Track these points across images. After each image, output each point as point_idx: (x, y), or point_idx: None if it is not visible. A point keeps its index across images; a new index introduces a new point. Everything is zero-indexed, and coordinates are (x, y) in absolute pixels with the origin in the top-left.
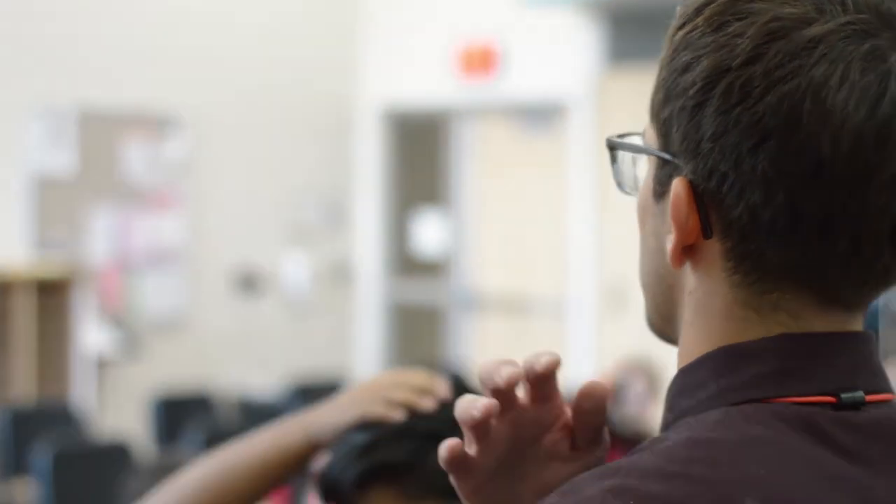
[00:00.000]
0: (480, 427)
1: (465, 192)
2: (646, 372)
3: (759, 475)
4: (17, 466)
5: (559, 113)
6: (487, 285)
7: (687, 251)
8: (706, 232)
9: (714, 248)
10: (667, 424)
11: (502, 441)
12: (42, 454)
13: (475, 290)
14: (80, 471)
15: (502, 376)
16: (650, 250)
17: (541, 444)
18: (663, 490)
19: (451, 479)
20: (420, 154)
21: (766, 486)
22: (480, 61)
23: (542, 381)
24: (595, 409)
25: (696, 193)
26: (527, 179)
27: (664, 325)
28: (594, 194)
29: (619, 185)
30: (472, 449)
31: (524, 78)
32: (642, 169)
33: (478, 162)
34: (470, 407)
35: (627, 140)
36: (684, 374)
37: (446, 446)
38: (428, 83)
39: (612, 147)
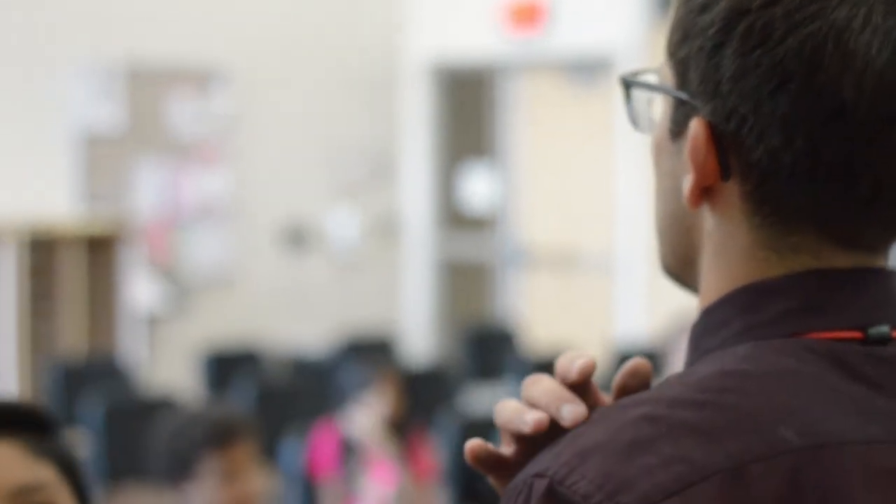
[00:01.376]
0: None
1: (513, 147)
2: None
3: (791, 405)
4: (67, 420)
5: (607, 67)
6: (536, 240)
7: (705, 192)
8: (725, 174)
9: (733, 190)
10: (691, 363)
11: (538, 435)
12: (91, 408)
13: (523, 245)
14: (129, 424)
15: (536, 418)
16: (666, 191)
17: None
18: (695, 417)
19: (488, 477)
20: (467, 108)
21: (798, 416)
22: (528, 15)
23: (577, 385)
24: (640, 387)
25: (715, 135)
26: (575, 134)
27: (681, 267)
28: (641, 149)
29: (633, 123)
30: (508, 450)
31: (572, 32)
32: (657, 108)
33: (525, 116)
34: (518, 420)
35: (642, 78)
36: (707, 314)
37: (469, 449)
38: (475, 37)
39: (627, 85)
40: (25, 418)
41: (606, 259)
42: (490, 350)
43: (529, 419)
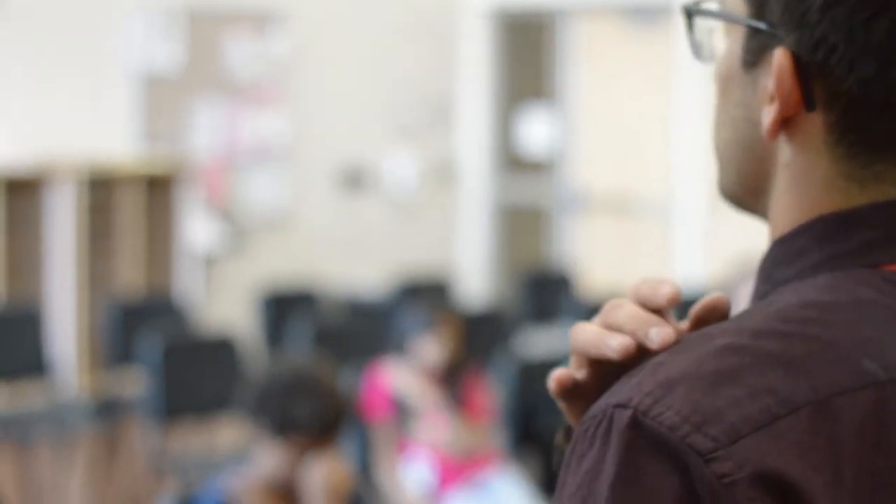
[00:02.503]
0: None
1: (572, 90)
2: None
3: (873, 338)
4: (125, 358)
5: (666, 10)
6: (593, 184)
7: (784, 123)
8: (809, 104)
9: (815, 120)
10: (763, 294)
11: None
12: (149, 346)
13: (581, 190)
14: (186, 363)
15: (621, 344)
16: (735, 120)
17: (649, 353)
18: (779, 348)
19: (560, 405)
20: (526, 52)
21: (881, 348)
22: None
23: (659, 313)
24: (718, 321)
25: (799, 65)
26: (634, 77)
27: (748, 197)
28: (701, 93)
29: (695, 54)
30: (581, 374)
31: None
32: (719, 37)
33: (584, 59)
34: (601, 345)
35: (707, 7)
36: (781, 243)
37: (555, 378)
38: None
39: (689, 14)
40: None
41: (664, 203)
42: (546, 294)
43: (615, 344)
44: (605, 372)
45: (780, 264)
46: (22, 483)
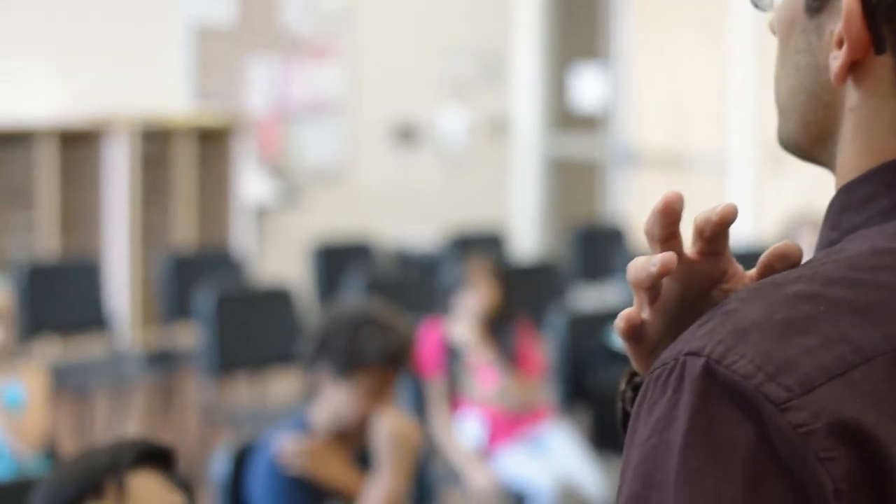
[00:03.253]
0: (654, 286)
1: (625, 47)
2: (814, 226)
3: None
4: (180, 311)
5: None
6: (645, 140)
7: (852, 67)
8: (878, 47)
9: (885, 62)
10: (831, 242)
11: (672, 300)
12: (204, 298)
13: (633, 145)
14: (241, 315)
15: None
16: (798, 67)
17: (709, 298)
18: (851, 296)
19: (625, 347)
20: (580, 8)
21: None
22: None
23: (717, 231)
24: (787, 269)
25: (868, 7)
26: (687, 34)
27: (813, 145)
28: (753, 48)
29: (756, 2)
30: (644, 312)
31: None
32: None
33: (638, 15)
34: (646, 264)
35: None
36: (848, 190)
37: (623, 316)
38: None
39: None
40: (159, 453)
41: (717, 158)
42: (598, 249)
43: (656, 259)
44: (670, 316)
45: (848, 211)
46: (79, 432)
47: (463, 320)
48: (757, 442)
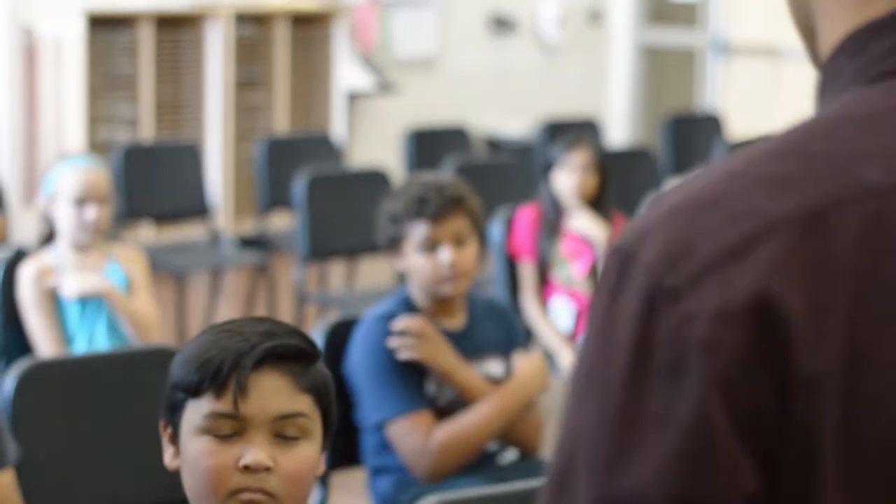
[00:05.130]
0: None
1: None
2: None
3: (883, 146)
4: (276, 195)
5: None
6: (740, 30)
7: None
8: None
9: None
10: None
11: None
12: (300, 182)
13: (728, 35)
14: (337, 198)
15: None
16: None
17: None
18: (773, 167)
19: None
20: None
21: (888, 156)
22: None
23: None
24: None
25: None
26: None
27: (811, 49)
28: None
29: None
30: None
31: None
32: None
33: None
34: None
35: None
36: (824, 71)
37: None
38: None
39: None
40: (294, 350)
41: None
42: (692, 138)
43: None
44: None
45: (824, 93)
46: (177, 311)
47: (559, 195)
48: (640, 340)
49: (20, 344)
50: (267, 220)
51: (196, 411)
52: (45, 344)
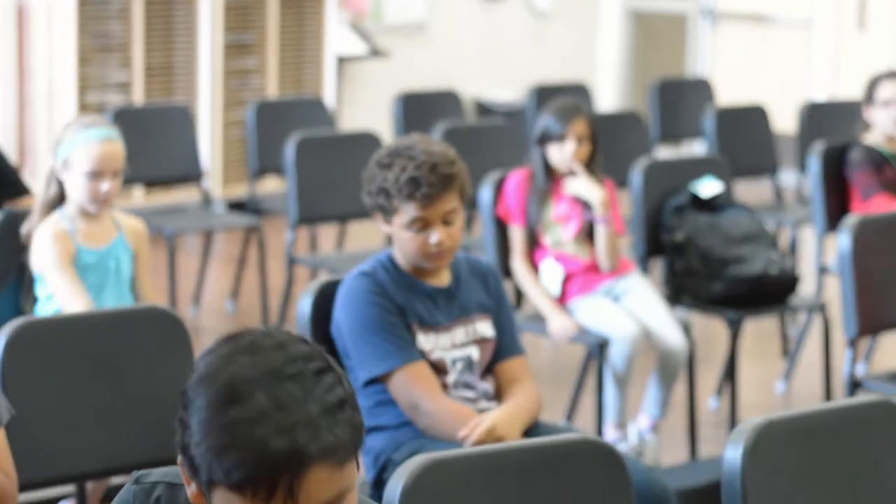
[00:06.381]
0: None
1: None
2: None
3: None
4: (267, 159)
5: None
6: None
7: None
8: None
9: None
10: None
11: None
12: (291, 145)
13: (717, 1)
14: (327, 160)
15: None
16: None
17: None
18: None
19: None
20: None
21: None
22: None
23: None
24: None
25: None
26: None
27: None
28: None
29: None
30: None
31: None
32: None
33: None
34: None
35: None
36: None
37: None
38: None
39: None
40: (343, 442)
41: (801, 15)
42: (681, 103)
43: None
44: None
45: None
46: (169, 274)
47: (553, 160)
48: None
49: (13, 305)
50: (258, 184)
51: (234, 501)
52: (75, 302)
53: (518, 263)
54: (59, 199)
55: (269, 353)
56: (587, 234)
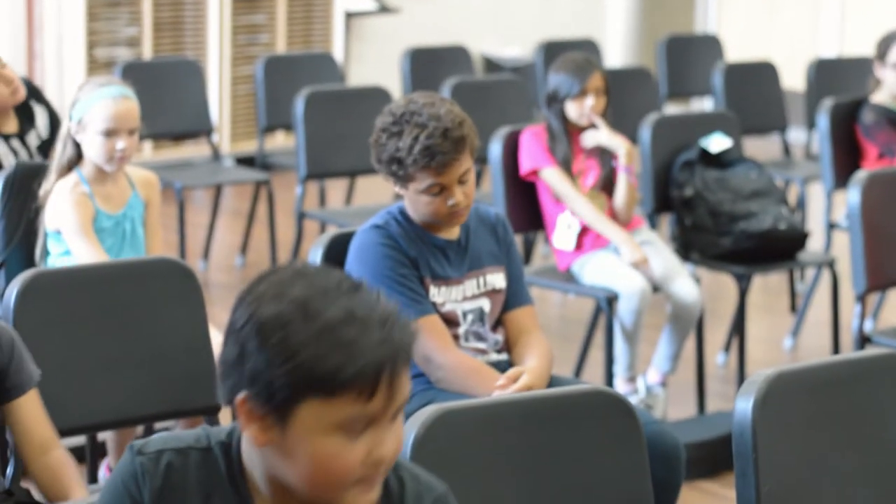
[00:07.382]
0: None
1: None
2: None
3: None
4: (277, 113)
5: None
6: None
7: None
8: None
9: None
10: None
11: None
12: (300, 100)
13: None
14: (339, 114)
15: None
16: None
17: None
18: None
19: None
20: None
21: None
22: None
23: None
24: None
25: None
26: None
27: None
28: None
29: None
30: None
31: None
32: None
33: None
34: None
35: None
36: None
37: None
38: None
39: None
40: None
41: None
42: (690, 59)
43: None
44: None
45: None
46: (178, 228)
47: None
48: None
49: (24, 257)
50: (267, 140)
51: (327, 411)
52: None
53: (575, 202)
54: (76, 161)
55: (318, 276)
56: (601, 187)
